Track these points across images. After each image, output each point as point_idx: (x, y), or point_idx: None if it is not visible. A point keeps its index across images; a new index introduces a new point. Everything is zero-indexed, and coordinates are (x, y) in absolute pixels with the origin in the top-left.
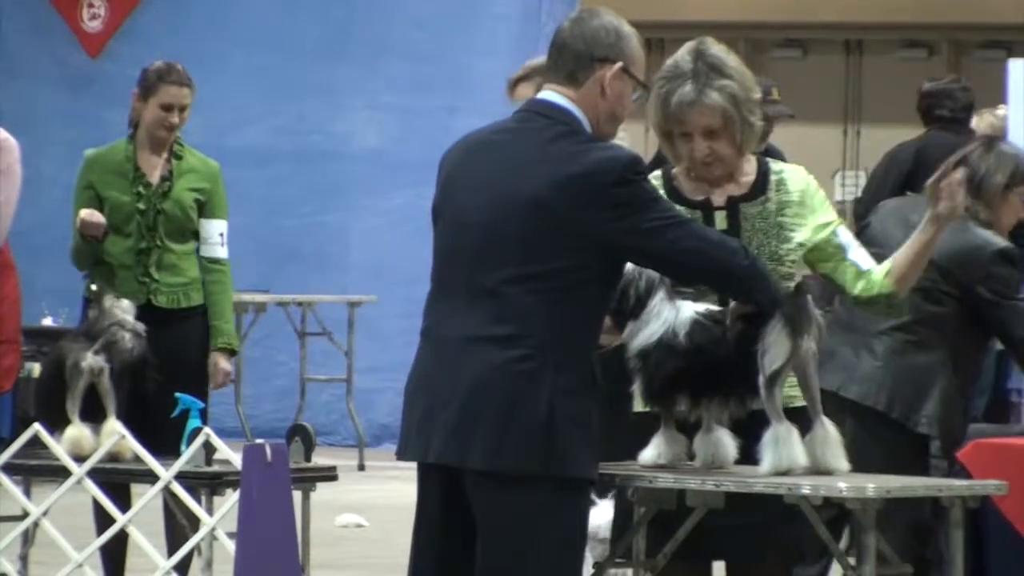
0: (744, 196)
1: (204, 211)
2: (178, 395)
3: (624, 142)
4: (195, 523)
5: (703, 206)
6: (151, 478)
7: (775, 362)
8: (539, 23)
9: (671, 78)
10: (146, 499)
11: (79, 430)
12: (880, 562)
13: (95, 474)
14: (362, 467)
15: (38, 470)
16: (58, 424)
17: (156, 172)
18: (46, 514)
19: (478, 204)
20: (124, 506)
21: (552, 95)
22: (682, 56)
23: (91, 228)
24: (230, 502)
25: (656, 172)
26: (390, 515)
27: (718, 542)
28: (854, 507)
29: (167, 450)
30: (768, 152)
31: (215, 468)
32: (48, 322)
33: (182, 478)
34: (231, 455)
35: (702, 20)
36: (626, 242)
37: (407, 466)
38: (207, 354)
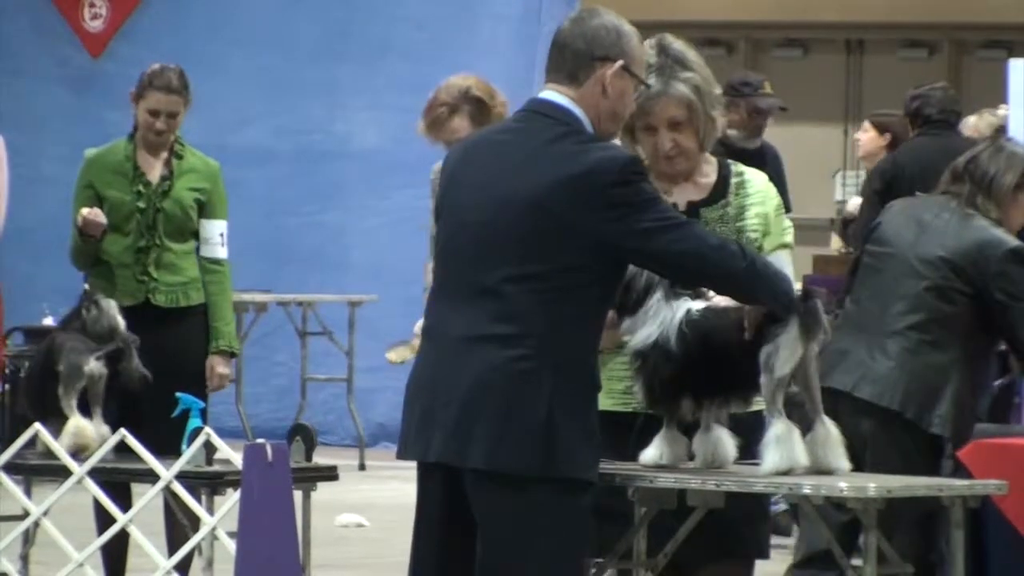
0: (704, 200)
1: (204, 211)
2: (178, 395)
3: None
4: (196, 523)
5: None
6: (152, 478)
7: (785, 366)
8: (539, 23)
9: None
10: (147, 499)
11: (79, 421)
12: (881, 562)
13: (95, 474)
14: (363, 467)
15: (38, 470)
16: (48, 418)
17: (156, 171)
18: (46, 514)
19: (478, 203)
20: (125, 506)
21: (553, 95)
22: (645, 51)
23: (92, 227)
24: (231, 502)
25: None
26: (390, 515)
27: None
28: (855, 507)
29: (168, 450)
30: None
31: (216, 468)
32: (49, 322)
33: (183, 478)
34: (232, 455)
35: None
36: (624, 243)
37: (407, 466)
38: (207, 354)
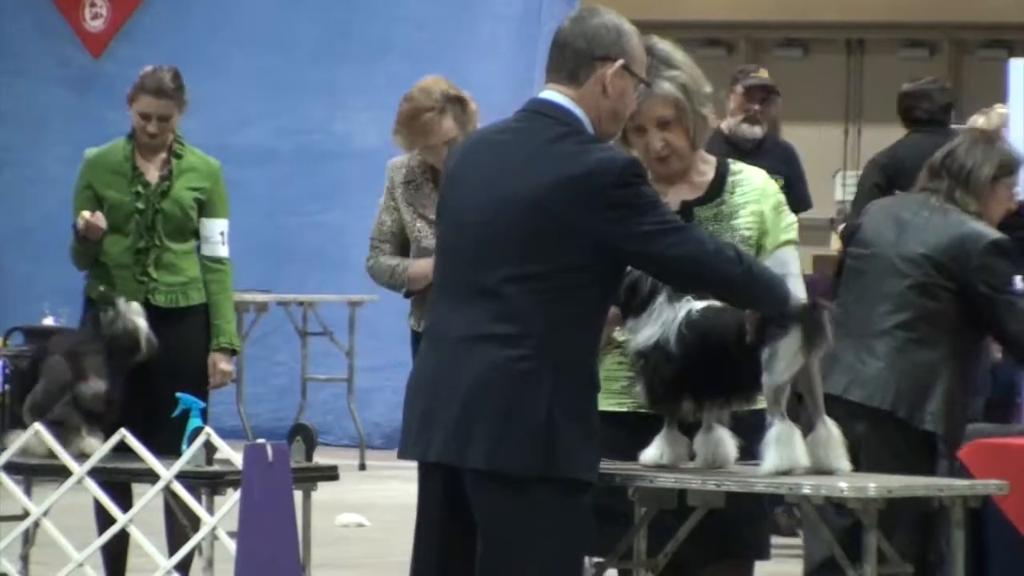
0: (699, 199)
1: (205, 210)
2: (179, 395)
3: None
4: (196, 523)
5: None
6: (152, 478)
7: (784, 374)
8: (539, 23)
9: None
10: (147, 499)
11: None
12: (881, 562)
13: (96, 474)
14: (363, 467)
15: (38, 470)
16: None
17: (155, 172)
18: (47, 514)
19: (478, 203)
20: (125, 506)
21: (553, 94)
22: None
23: (93, 231)
24: (231, 502)
25: None
26: (391, 515)
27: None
28: (855, 507)
29: (168, 450)
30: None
31: (216, 468)
32: (49, 322)
33: (183, 478)
34: (232, 455)
35: (702, 20)
36: (623, 244)
37: (408, 466)
38: (207, 353)
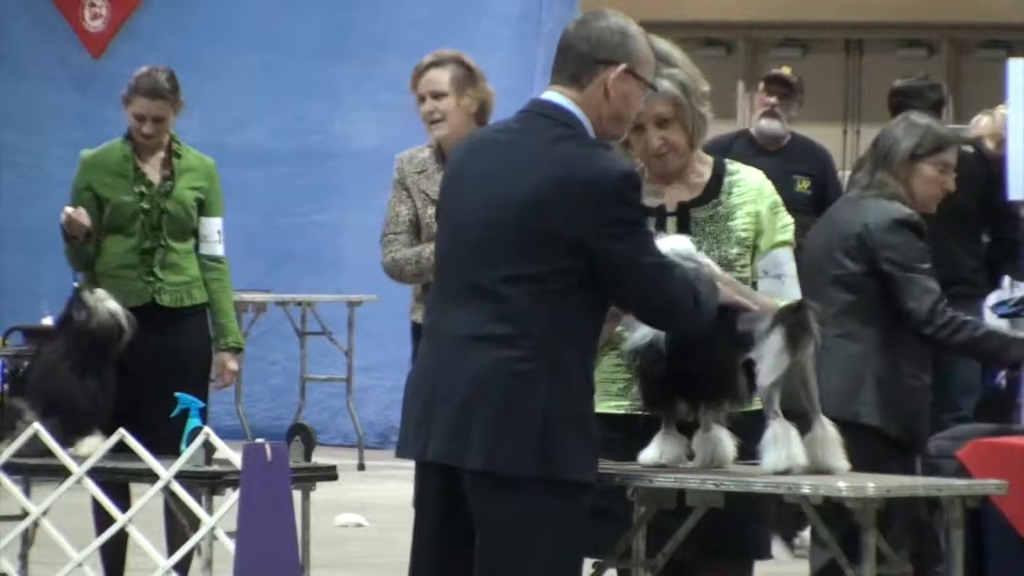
0: (695, 200)
1: (203, 209)
2: (178, 394)
3: None
4: (195, 522)
5: (657, 212)
6: (151, 477)
7: (771, 375)
8: (539, 23)
9: None
10: (146, 498)
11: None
12: (880, 562)
13: (95, 474)
14: (362, 466)
15: (38, 470)
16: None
17: (156, 172)
18: (46, 514)
19: (478, 202)
20: (124, 506)
21: (555, 96)
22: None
23: (75, 228)
24: (230, 501)
25: None
26: (390, 515)
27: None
28: (854, 507)
29: (167, 450)
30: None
31: (215, 468)
32: (49, 322)
33: (182, 477)
34: (231, 455)
35: (702, 20)
36: (601, 253)
37: (407, 465)
38: (208, 352)
